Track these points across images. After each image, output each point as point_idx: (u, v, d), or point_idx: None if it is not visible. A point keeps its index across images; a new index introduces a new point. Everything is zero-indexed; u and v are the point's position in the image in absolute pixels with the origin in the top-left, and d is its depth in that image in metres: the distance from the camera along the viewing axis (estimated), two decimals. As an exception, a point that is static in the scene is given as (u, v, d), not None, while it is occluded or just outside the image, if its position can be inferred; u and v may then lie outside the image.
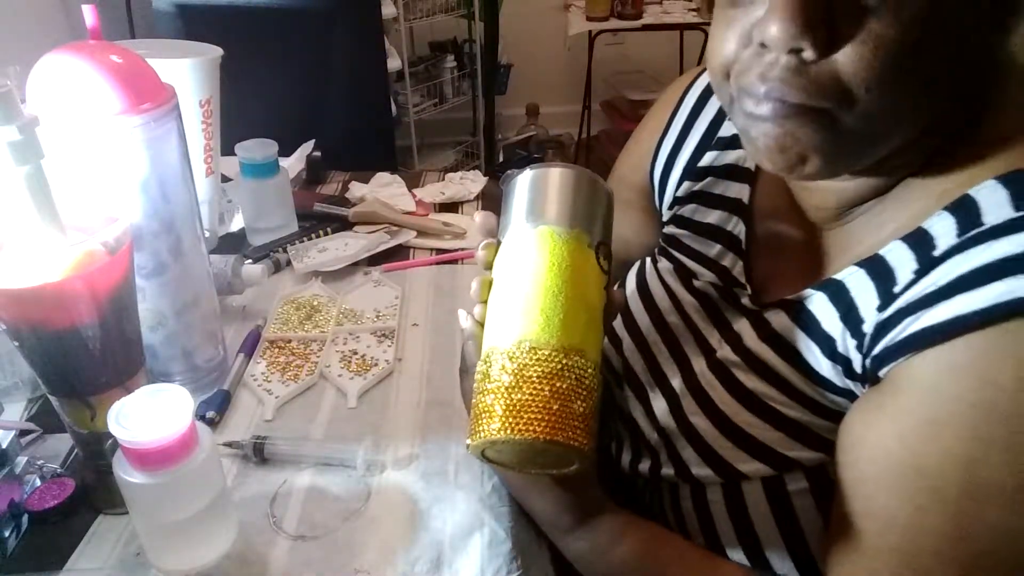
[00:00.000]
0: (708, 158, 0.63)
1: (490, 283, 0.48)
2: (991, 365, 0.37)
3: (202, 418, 0.65)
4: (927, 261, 0.41)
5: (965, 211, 0.40)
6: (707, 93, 0.65)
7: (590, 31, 2.69)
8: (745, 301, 0.56)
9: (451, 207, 1.06)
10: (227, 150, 0.92)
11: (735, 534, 0.52)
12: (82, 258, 0.49)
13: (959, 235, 0.40)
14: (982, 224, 0.39)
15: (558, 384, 0.41)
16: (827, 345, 0.47)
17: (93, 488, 0.57)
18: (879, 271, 0.44)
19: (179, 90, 0.61)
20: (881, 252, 0.45)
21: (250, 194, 0.94)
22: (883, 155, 0.44)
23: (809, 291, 0.49)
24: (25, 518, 0.56)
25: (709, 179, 0.62)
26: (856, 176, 0.48)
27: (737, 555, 0.52)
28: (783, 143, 0.42)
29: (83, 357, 0.50)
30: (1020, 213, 0.38)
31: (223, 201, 1.01)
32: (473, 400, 0.44)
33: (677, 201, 0.65)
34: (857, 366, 0.45)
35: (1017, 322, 0.36)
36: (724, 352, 0.55)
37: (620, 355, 0.63)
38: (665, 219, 0.68)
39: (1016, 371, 0.36)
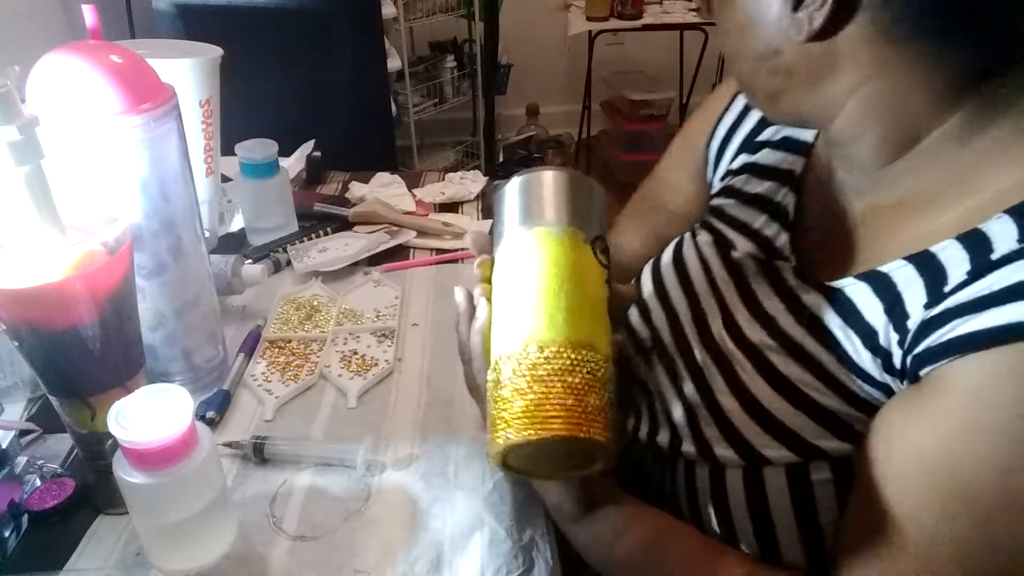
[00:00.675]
0: (767, 133, 0.64)
1: (491, 292, 0.49)
2: None
3: (202, 418, 0.65)
4: (983, 264, 0.41)
5: None
6: None
7: (590, 31, 2.69)
8: (787, 275, 0.55)
9: (451, 207, 1.06)
10: (227, 150, 0.92)
11: (750, 519, 0.51)
12: (82, 258, 0.49)
13: (1020, 240, 0.40)
14: None
15: (570, 379, 0.41)
16: (869, 337, 0.47)
17: (93, 488, 0.57)
18: (930, 268, 0.44)
19: (179, 90, 0.61)
20: (933, 249, 0.44)
21: (250, 194, 0.94)
22: (803, 108, 0.49)
23: (852, 279, 0.49)
24: (25, 518, 0.56)
25: (765, 151, 0.63)
26: (854, 142, 0.49)
27: (749, 540, 0.52)
28: None
29: (83, 357, 0.50)
30: None
31: (223, 201, 1.01)
32: (487, 411, 0.44)
33: (730, 172, 0.65)
34: (896, 361, 0.45)
35: None
36: (759, 335, 0.54)
37: (648, 325, 0.62)
38: (714, 191, 0.68)
39: None
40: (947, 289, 0.42)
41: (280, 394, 0.69)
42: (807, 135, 0.61)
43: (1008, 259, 0.40)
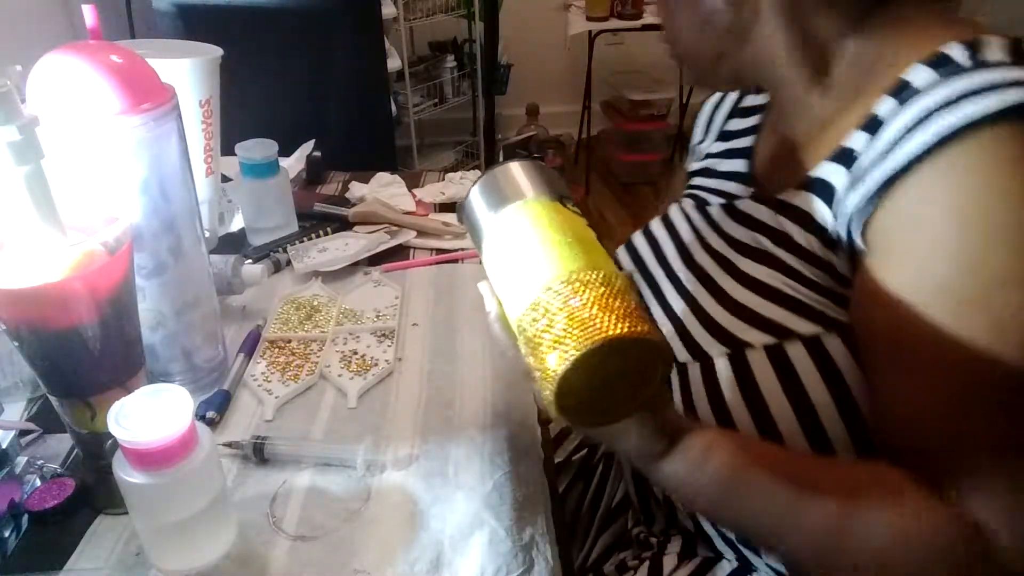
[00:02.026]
0: (731, 124, 0.76)
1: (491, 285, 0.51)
2: (951, 183, 0.45)
3: (202, 418, 0.65)
4: (875, 128, 0.51)
5: (900, 89, 0.50)
6: None
7: (590, 31, 2.69)
8: (743, 205, 0.64)
9: (451, 207, 1.06)
10: (227, 150, 0.92)
11: (744, 404, 0.55)
12: (82, 258, 0.49)
13: (896, 105, 0.50)
14: (914, 90, 0.49)
15: (586, 295, 0.42)
16: (806, 222, 0.55)
17: (93, 488, 0.57)
18: (844, 155, 0.53)
19: (179, 90, 0.61)
20: (844, 143, 0.53)
21: (250, 194, 0.94)
22: (738, 66, 0.59)
23: (791, 191, 0.58)
24: (25, 518, 0.56)
25: (738, 119, 0.75)
26: (783, 86, 0.59)
27: (745, 423, 0.55)
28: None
29: (83, 357, 0.50)
30: (940, 75, 0.48)
31: (223, 201, 1.01)
32: (530, 374, 0.45)
33: (708, 156, 0.77)
34: (831, 232, 0.53)
35: (957, 145, 0.45)
36: (729, 252, 0.62)
37: (641, 268, 0.71)
38: (694, 168, 0.77)
39: (976, 179, 0.45)
40: (857, 155, 0.51)
41: (280, 394, 0.69)
42: (756, 119, 0.72)
43: (890, 117, 0.49)
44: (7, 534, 0.54)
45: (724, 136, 0.76)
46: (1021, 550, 0.45)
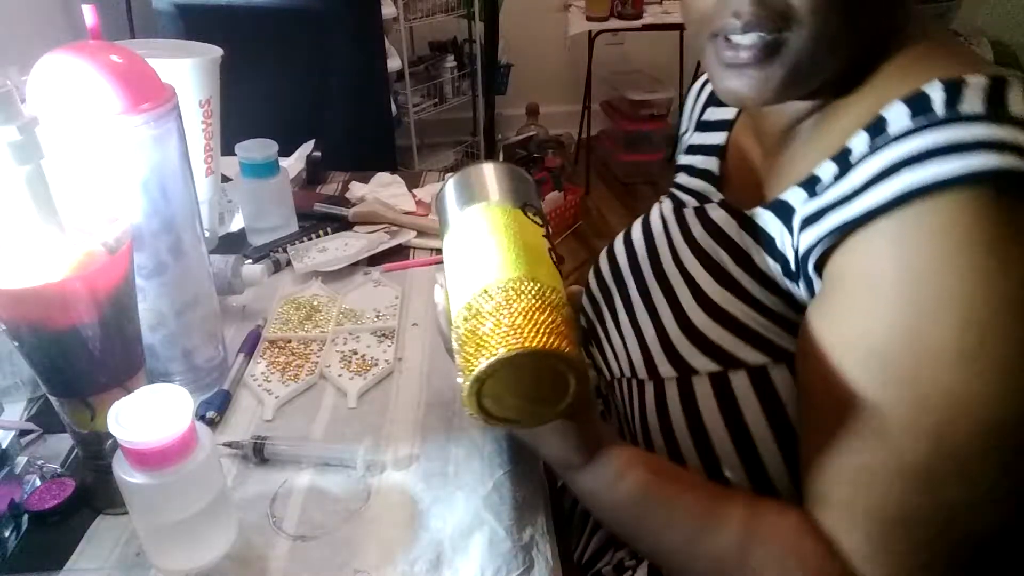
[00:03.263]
0: (708, 113, 0.76)
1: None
2: (905, 244, 0.44)
3: (202, 418, 0.65)
4: (845, 167, 0.49)
5: (876, 127, 0.48)
6: None
7: (590, 31, 2.69)
8: (712, 212, 0.63)
9: (451, 207, 1.06)
10: (227, 150, 0.92)
11: (687, 428, 0.56)
12: (82, 258, 0.49)
13: (870, 145, 0.48)
14: (888, 135, 0.47)
15: (516, 305, 0.42)
16: (771, 246, 0.55)
17: (93, 488, 0.57)
18: (811, 183, 0.52)
19: (179, 90, 0.61)
20: (815, 171, 0.52)
21: (250, 194, 0.94)
22: (823, 78, 0.53)
23: (760, 208, 0.57)
24: (25, 518, 0.56)
25: (706, 132, 0.75)
26: (797, 100, 0.56)
27: (690, 454, 0.57)
28: (753, 82, 0.53)
29: (83, 357, 0.50)
30: (913, 124, 0.46)
31: (223, 201, 1.01)
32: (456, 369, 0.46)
33: (689, 149, 0.77)
34: (792, 265, 0.52)
35: (918, 205, 0.43)
36: (693, 263, 0.62)
37: (615, 272, 0.71)
38: (684, 150, 0.78)
39: (929, 244, 0.43)
40: (819, 189, 0.50)
41: (280, 394, 0.69)
42: (730, 113, 0.72)
43: (861, 160, 0.48)
44: (7, 534, 0.54)
45: (702, 126, 0.76)
46: None
